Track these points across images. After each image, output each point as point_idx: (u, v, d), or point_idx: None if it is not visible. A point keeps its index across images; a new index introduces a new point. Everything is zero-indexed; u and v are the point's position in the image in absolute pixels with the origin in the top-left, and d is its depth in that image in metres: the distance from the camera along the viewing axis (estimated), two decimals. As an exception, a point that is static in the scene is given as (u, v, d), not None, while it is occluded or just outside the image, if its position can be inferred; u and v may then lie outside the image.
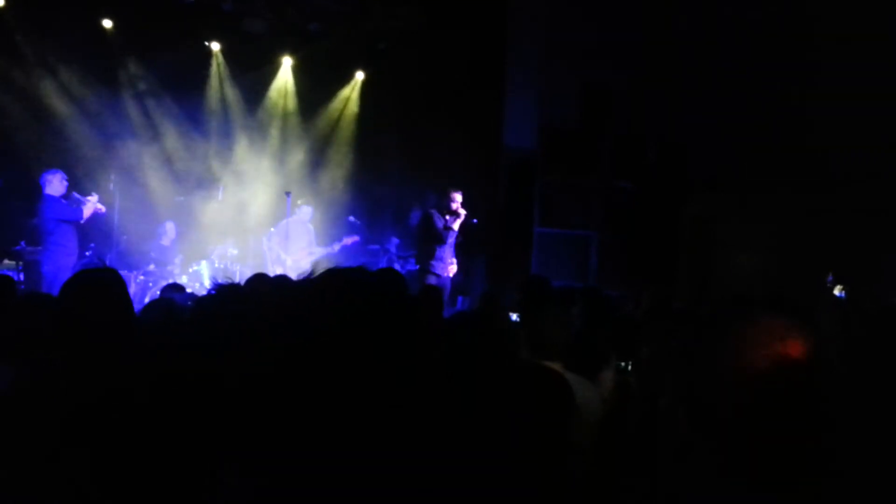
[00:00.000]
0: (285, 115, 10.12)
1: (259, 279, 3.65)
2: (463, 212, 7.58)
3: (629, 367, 3.38)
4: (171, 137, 9.39)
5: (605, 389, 3.07)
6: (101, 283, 2.49)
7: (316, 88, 10.21)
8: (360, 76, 10.26)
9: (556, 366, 2.72)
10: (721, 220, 9.15)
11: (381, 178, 10.09)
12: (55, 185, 7.18)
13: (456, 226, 7.58)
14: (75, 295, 2.42)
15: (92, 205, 7.27)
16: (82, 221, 7.29)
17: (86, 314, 2.36)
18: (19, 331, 2.65)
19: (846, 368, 2.41)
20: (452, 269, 7.73)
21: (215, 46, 9.58)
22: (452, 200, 7.59)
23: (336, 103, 10.34)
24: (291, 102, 10.13)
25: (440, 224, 7.54)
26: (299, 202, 8.97)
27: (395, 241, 9.24)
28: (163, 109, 9.38)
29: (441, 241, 7.57)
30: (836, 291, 6.95)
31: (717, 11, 8.70)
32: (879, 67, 7.77)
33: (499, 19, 9.46)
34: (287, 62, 9.91)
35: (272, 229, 8.97)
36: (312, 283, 1.80)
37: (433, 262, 7.61)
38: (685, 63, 8.81)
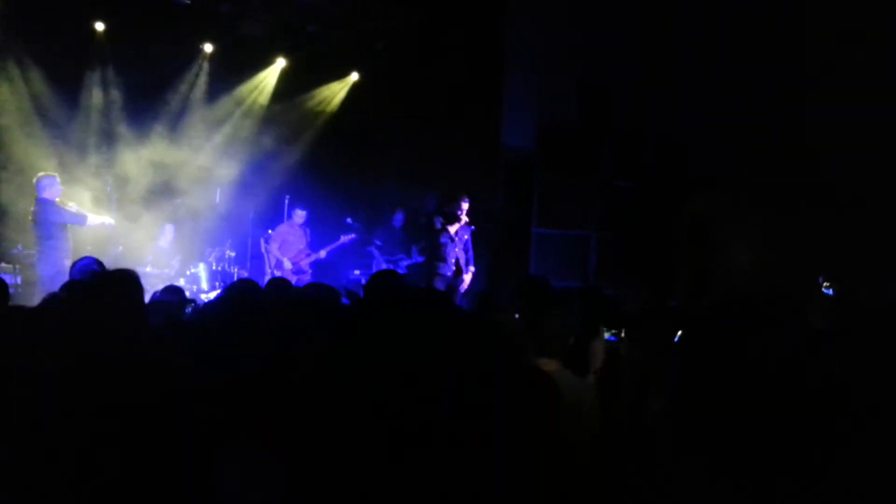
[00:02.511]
0: (277, 117, 10.07)
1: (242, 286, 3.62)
2: (465, 218, 7.76)
3: (621, 335, 3.42)
4: (167, 140, 9.34)
5: (596, 360, 3.09)
6: (126, 283, 2.50)
7: (310, 90, 10.18)
8: (354, 76, 10.22)
9: (555, 364, 2.73)
10: (720, 218, 9.14)
11: (380, 179, 10.06)
12: (52, 189, 7.17)
13: (453, 230, 7.68)
14: (99, 292, 2.42)
15: (101, 218, 7.34)
16: (85, 225, 7.31)
17: (107, 312, 2.37)
18: (21, 336, 2.63)
19: (839, 367, 2.40)
20: (467, 275, 7.94)
21: (208, 48, 9.53)
22: (459, 208, 7.80)
23: (324, 103, 10.29)
24: (283, 104, 10.07)
25: (437, 225, 7.75)
26: (297, 211, 8.97)
27: (377, 241, 9.16)
28: (157, 112, 9.33)
29: (437, 243, 7.73)
30: (825, 288, 6.97)
31: (717, 10, 8.68)
32: (879, 67, 7.76)
33: (497, 19, 9.44)
34: (280, 63, 9.85)
35: (270, 232, 8.95)
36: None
37: (438, 263, 7.72)
38: (684, 62, 8.79)
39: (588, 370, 3.11)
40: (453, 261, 7.86)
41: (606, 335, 3.30)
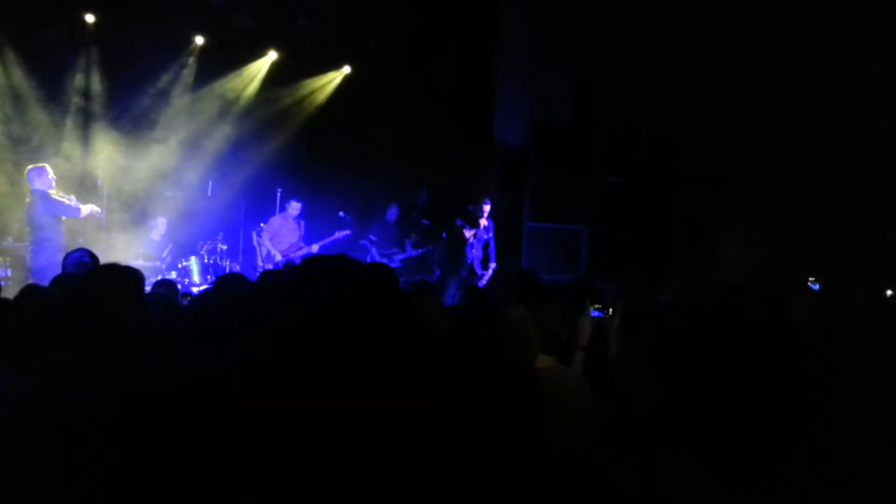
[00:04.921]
0: (268, 109, 10.04)
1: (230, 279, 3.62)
2: (484, 222, 8.21)
3: (609, 312, 3.43)
4: (158, 133, 9.31)
5: (583, 337, 3.11)
6: (127, 278, 2.49)
7: (302, 82, 10.17)
8: (346, 69, 10.20)
9: (549, 360, 2.73)
10: (711, 214, 9.19)
11: (372, 174, 10.06)
12: (44, 179, 7.09)
13: (471, 234, 8.24)
14: (100, 287, 2.41)
15: (89, 207, 7.22)
16: (80, 217, 7.22)
17: (106, 308, 2.35)
18: (18, 328, 2.60)
19: (827, 361, 2.42)
20: (487, 272, 8.38)
21: (200, 41, 9.49)
22: (481, 210, 8.32)
23: (315, 94, 10.27)
24: (275, 96, 10.04)
25: (466, 234, 8.34)
26: (292, 203, 8.96)
27: (371, 236, 9.15)
28: (148, 105, 9.29)
29: (458, 245, 8.35)
30: (811, 283, 7.05)
31: (708, 8, 8.71)
32: (870, 64, 7.80)
33: (490, 16, 9.44)
34: (271, 56, 9.82)
35: (262, 225, 8.93)
36: (296, 273, 1.78)
37: (454, 264, 8.31)
38: (676, 60, 8.82)
39: (576, 348, 3.14)
40: (469, 262, 8.24)
41: (592, 311, 3.31)
